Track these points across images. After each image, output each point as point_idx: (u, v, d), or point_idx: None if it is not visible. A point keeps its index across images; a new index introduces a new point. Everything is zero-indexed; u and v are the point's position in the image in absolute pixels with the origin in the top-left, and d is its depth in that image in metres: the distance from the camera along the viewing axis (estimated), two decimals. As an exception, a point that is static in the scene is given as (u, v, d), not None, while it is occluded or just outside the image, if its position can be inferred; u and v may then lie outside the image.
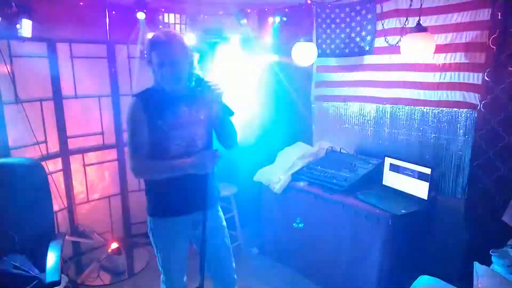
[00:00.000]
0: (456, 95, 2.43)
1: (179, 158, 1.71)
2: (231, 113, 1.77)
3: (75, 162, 3.21)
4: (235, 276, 2.02)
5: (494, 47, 2.14)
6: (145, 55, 1.71)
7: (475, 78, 2.30)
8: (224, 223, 2.01)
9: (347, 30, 2.97)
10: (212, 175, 1.82)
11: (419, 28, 2.23)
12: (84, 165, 3.29)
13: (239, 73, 3.36)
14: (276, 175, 3.04)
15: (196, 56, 1.79)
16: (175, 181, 1.70)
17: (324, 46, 3.15)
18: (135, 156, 1.69)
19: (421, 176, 2.45)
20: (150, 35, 1.74)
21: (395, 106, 2.81)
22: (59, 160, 3.08)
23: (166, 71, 1.65)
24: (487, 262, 1.80)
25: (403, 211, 2.34)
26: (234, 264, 2.02)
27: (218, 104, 1.69)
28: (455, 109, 2.46)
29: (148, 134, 1.69)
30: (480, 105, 2.26)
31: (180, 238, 1.86)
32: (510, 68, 2.11)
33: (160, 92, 1.72)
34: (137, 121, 1.69)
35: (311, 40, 3.15)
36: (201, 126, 1.77)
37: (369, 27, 2.83)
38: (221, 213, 2.01)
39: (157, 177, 1.75)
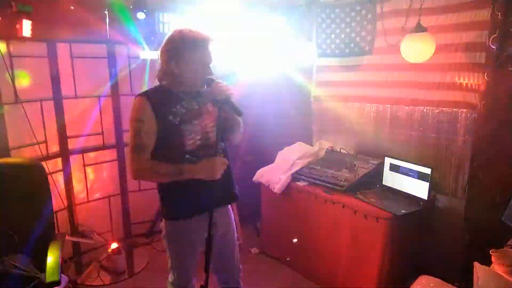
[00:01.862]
0: (456, 95, 2.43)
1: (196, 152, 1.70)
2: (240, 113, 1.72)
3: (75, 162, 3.21)
4: (240, 266, 2.05)
5: (494, 47, 2.14)
6: (170, 52, 1.65)
7: (475, 78, 2.30)
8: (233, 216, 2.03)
9: (347, 30, 2.97)
10: (230, 173, 1.83)
11: (419, 28, 2.23)
12: (84, 165, 3.29)
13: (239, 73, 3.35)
14: (276, 175, 3.04)
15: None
16: (191, 182, 1.66)
17: (324, 46, 3.15)
18: (138, 157, 1.64)
19: (421, 176, 2.45)
20: (179, 33, 1.66)
21: (395, 106, 2.81)
22: (59, 160, 3.07)
23: (197, 70, 1.65)
24: (487, 262, 1.80)
25: (403, 211, 2.35)
26: (238, 256, 2.03)
27: (228, 104, 1.68)
28: (455, 109, 2.46)
29: (161, 131, 1.65)
30: (480, 105, 2.26)
31: (195, 241, 1.82)
32: (510, 68, 2.11)
33: (171, 90, 1.70)
34: (143, 120, 1.63)
35: (311, 40, 3.15)
36: (212, 119, 1.76)
37: (369, 27, 2.83)
38: (229, 208, 2.02)
39: (160, 180, 1.73)
